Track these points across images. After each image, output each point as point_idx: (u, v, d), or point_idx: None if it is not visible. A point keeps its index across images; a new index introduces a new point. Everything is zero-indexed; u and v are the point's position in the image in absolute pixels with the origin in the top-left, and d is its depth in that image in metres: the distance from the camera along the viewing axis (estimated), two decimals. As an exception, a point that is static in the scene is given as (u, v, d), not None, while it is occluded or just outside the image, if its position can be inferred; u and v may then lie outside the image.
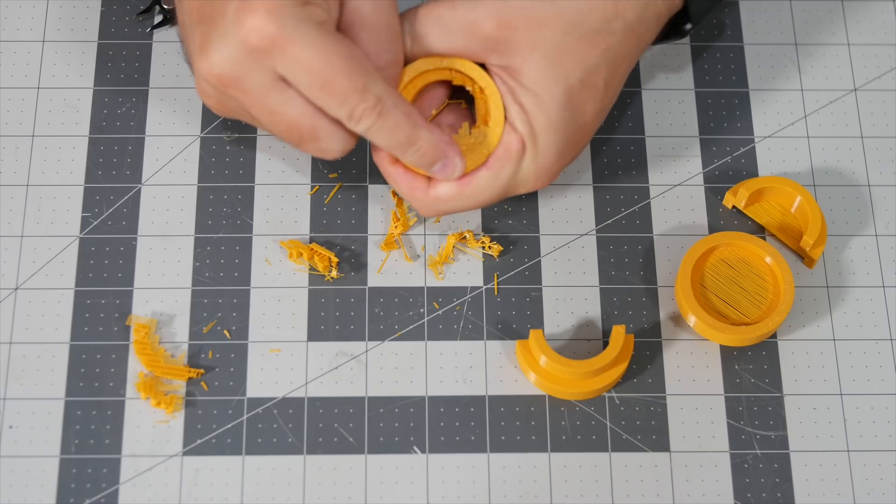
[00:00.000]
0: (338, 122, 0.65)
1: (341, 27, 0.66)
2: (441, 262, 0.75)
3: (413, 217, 0.76)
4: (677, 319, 0.74)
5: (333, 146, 0.66)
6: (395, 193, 0.76)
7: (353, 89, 0.63)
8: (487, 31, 0.67)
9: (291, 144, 0.67)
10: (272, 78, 0.64)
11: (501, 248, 0.75)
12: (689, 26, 0.73)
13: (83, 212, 0.76)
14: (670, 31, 0.74)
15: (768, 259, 0.74)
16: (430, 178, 0.69)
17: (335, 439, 0.71)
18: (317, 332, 0.73)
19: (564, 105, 0.67)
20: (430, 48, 0.68)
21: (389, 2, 0.66)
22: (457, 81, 0.69)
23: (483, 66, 0.69)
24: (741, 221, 0.77)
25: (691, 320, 0.73)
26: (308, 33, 0.62)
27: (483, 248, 0.75)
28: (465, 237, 0.75)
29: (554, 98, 0.67)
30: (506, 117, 0.68)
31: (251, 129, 0.78)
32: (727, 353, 0.74)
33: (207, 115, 0.78)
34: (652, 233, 0.76)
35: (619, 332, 0.71)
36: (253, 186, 0.76)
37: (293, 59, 0.63)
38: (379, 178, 0.77)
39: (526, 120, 0.68)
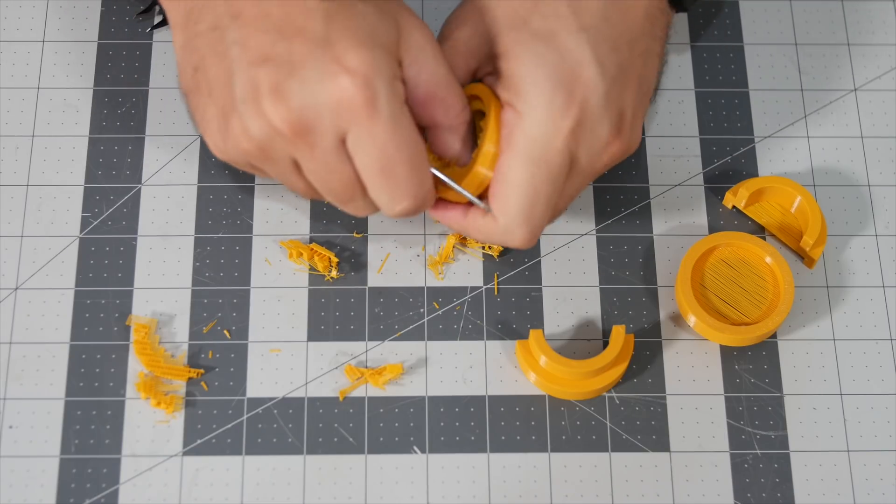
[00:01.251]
0: None
1: (418, 95, 0.64)
2: (441, 262, 0.75)
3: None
4: (677, 319, 0.74)
5: (367, 210, 0.66)
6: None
7: (408, 182, 0.63)
8: None
9: (333, 202, 0.66)
10: (339, 139, 0.62)
11: (501, 248, 0.75)
12: None
13: (83, 212, 0.76)
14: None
15: (768, 259, 0.74)
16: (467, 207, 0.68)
17: (335, 439, 0.71)
18: (317, 332, 0.73)
19: (534, 40, 0.64)
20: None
21: (441, 52, 0.65)
22: (475, 107, 0.68)
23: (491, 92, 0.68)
24: (741, 221, 0.77)
25: (691, 320, 0.73)
26: (392, 113, 0.61)
27: (483, 248, 0.75)
28: (465, 237, 0.75)
29: (523, 42, 0.65)
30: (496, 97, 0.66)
31: (251, 129, 0.78)
32: (727, 353, 0.74)
33: (207, 115, 0.78)
34: (652, 233, 0.76)
35: (619, 332, 0.71)
36: (253, 186, 0.76)
37: (370, 133, 0.61)
38: (379, 178, 0.77)
39: (505, 80, 0.65)
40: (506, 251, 0.75)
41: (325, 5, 0.62)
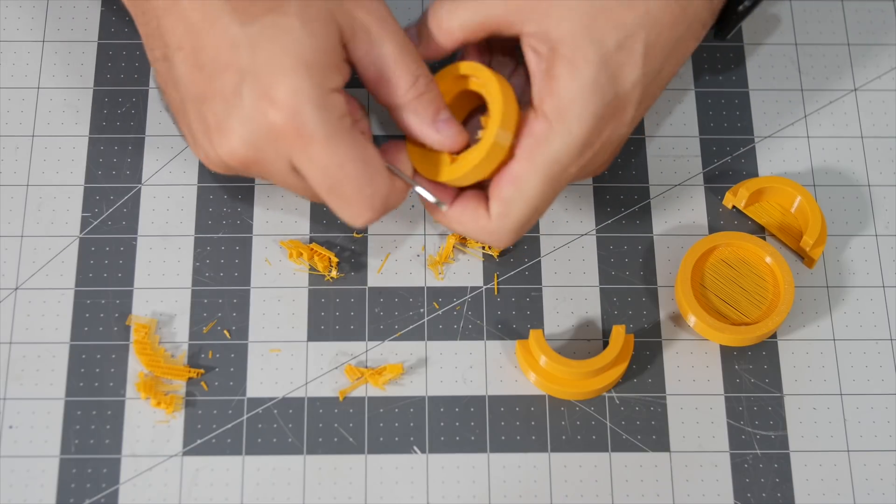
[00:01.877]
0: None
1: (369, 77, 0.65)
2: (441, 262, 0.75)
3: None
4: (677, 319, 0.74)
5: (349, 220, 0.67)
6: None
7: (360, 196, 0.64)
8: None
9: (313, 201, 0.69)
10: (289, 165, 0.64)
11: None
12: (742, 7, 0.72)
13: (83, 212, 0.76)
14: (722, 22, 0.72)
15: (768, 259, 0.74)
16: (485, 201, 0.68)
17: (335, 439, 0.71)
18: (317, 332, 0.73)
19: (599, 68, 0.64)
20: (465, 21, 0.67)
21: (391, 27, 0.65)
22: (473, 87, 0.68)
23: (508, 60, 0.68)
24: (741, 221, 0.77)
25: (691, 320, 0.73)
26: (327, 133, 0.63)
27: (483, 248, 0.75)
28: (464, 237, 0.75)
29: (588, 62, 0.64)
30: (532, 100, 0.66)
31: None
32: (727, 353, 0.74)
33: (207, 115, 0.78)
34: (652, 233, 0.76)
35: (619, 332, 0.71)
36: (253, 186, 0.76)
37: (309, 159, 0.63)
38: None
39: (553, 92, 0.65)
40: (505, 251, 0.75)
41: (248, 31, 0.63)
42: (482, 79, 0.67)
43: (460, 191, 0.68)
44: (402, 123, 0.67)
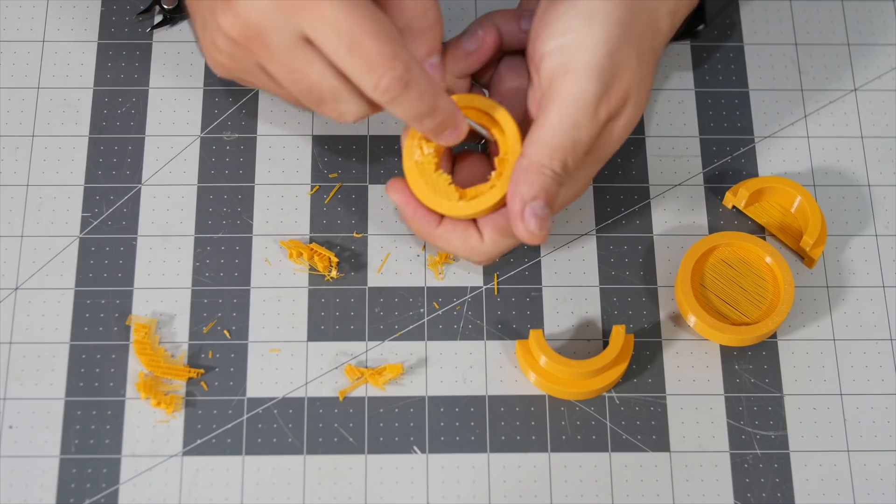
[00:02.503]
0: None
1: None
2: (441, 262, 0.75)
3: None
4: (677, 319, 0.74)
5: (353, 109, 0.65)
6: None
7: (381, 55, 0.62)
8: None
9: (310, 107, 0.66)
10: (296, 37, 0.63)
11: None
12: (701, 27, 0.73)
13: (83, 212, 0.76)
14: (684, 31, 0.74)
15: (768, 259, 0.74)
16: (474, 223, 0.68)
17: (335, 439, 0.71)
18: (317, 332, 0.73)
19: (605, 47, 0.65)
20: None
21: None
22: (481, 119, 0.69)
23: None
24: (741, 221, 0.77)
25: (691, 320, 0.73)
26: None
27: None
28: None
29: (595, 36, 0.65)
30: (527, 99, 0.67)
31: (251, 129, 0.78)
32: (727, 353, 0.74)
33: (207, 115, 0.78)
34: (652, 233, 0.76)
35: (619, 332, 0.71)
36: (253, 186, 0.76)
37: (323, 19, 0.61)
38: (379, 178, 0.77)
39: (539, 87, 0.66)
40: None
41: None
42: (500, 121, 0.68)
43: None
44: (413, 45, 0.66)
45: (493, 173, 0.68)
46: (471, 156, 0.71)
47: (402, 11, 0.66)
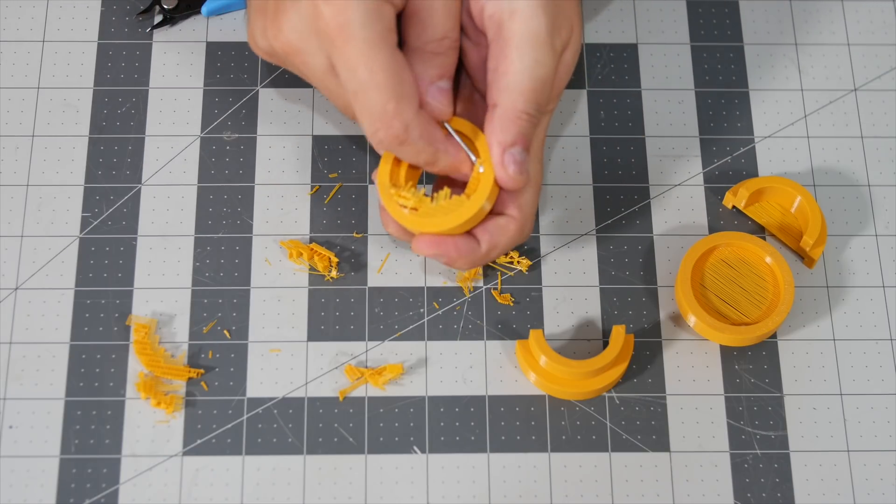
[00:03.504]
0: None
1: (406, 13, 0.66)
2: (470, 278, 0.74)
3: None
4: (677, 319, 0.74)
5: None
6: None
7: (383, 110, 0.64)
8: None
9: (348, 117, 0.69)
10: (330, 63, 0.65)
11: (531, 263, 0.75)
12: None
13: (83, 212, 0.76)
14: None
15: (768, 259, 0.74)
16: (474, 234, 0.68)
17: (335, 439, 0.71)
18: (317, 332, 0.73)
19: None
20: None
21: None
22: (461, 138, 0.68)
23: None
24: (741, 221, 0.77)
25: (691, 320, 0.73)
26: (368, 37, 0.64)
27: (511, 262, 0.75)
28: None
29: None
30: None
31: (251, 129, 0.78)
32: (727, 353, 0.74)
33: (207, 115, 0.78)
34: (652, 233, 0.76)
35: (619, 332, 0.71)
36: (253, 186, 0.77)
37: (344, 58, 0.64)
38: (379, 178, 0.77)
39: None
40: (535, 265, 0.75)
41: None
42: (479, 148, 0.67)
43: None
44: (417, 68, 0.67)
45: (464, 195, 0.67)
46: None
47: (423, 31, 0.66)
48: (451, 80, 0.67)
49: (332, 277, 0.75)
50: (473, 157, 0.67)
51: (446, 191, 0.67)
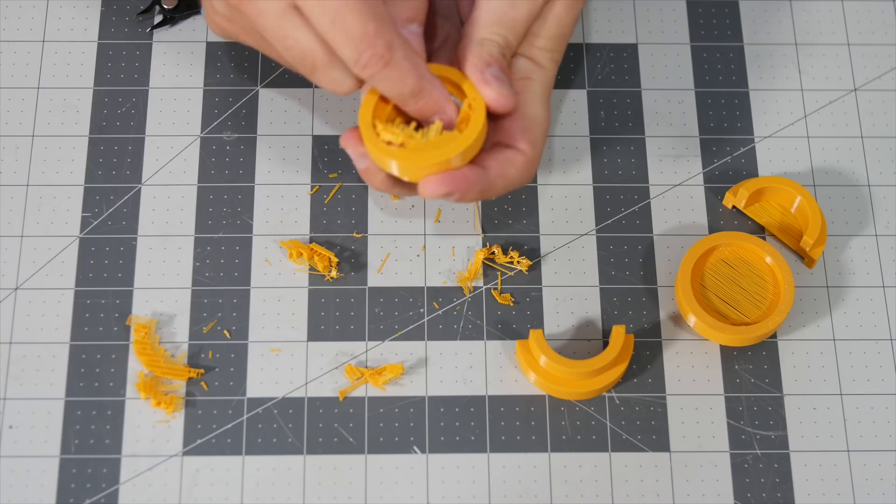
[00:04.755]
0: None
1: None
2: (470, 278, 0.74)
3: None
4: (677, 319, 0.74)
5: (346, 80, 0.64)
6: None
7: (364, 31, 0.62)
8: None
9: (304, 74, 0.65)
10: (286, 4, 0.62)
11: (531, 263, 0.75)
12: None
13: (83, 212, 0.76)
14: None
15: (768, 259, 0.74)
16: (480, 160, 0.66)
17: (335, 439, 0.71)
18: (317, 332, 0.73)
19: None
20: None
21: None
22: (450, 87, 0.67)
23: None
24: (741, 221, 0.77)
25: (691, 320, 0.73)
26: None
27: (512, 262, 0.75)
28: (493, 252, 0.75)
29: None
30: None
31: (251, 129, 0.78)
32: (727, 353, 0.74)
33: (207, 115, 0.78)
34: (652, 233, 0.76)
35: (619, 332, 0.71)
36: (253, 186, 0.77)
37: None
38: (379, 178, 0.77)
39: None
40: (506, 252, 0.75)
41: None
42: (467, 93, 0.65)
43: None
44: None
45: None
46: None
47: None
48: (421, 26, 0.66)
49: (332, 277, 0.75)
50: (458, 102, 0.66)
51: (438, 124, 0.65)
